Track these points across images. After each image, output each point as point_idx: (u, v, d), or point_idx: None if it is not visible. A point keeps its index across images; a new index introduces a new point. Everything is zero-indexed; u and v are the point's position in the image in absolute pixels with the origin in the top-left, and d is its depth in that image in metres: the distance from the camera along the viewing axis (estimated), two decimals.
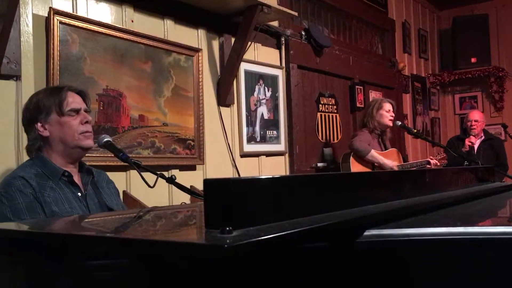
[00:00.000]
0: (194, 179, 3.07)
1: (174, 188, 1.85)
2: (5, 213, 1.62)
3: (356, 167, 3.65)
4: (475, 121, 4.69)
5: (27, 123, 1.83)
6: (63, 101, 1.78)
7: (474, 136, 4.64)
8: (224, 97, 3.39)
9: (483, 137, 4.79)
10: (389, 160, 3.67)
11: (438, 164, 3.94)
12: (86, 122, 1.82)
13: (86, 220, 1.36)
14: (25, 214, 1.61)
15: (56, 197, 1.70)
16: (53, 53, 2.35)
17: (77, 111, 1.81)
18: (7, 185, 1.68)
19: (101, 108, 2.58)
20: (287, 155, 3.99)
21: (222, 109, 3.42)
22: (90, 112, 1.89)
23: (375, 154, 3.62)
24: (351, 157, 3.69)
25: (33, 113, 1.80)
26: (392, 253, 0.79)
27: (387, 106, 3.78)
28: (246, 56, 3.46)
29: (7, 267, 0.99)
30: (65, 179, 1.77)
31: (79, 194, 1.79)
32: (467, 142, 4.57)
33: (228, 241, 0.63)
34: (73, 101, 1.82)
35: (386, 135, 3.89)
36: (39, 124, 1.78)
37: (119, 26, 2.72)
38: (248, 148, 3.58)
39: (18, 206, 1.62)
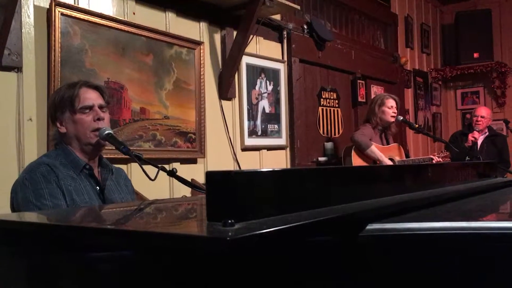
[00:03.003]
0: (195, 172, 3.08)
1: (175, 181, 1.85)
2: (28, 197, 1.65)
3: (357, 160, 3.65)
4: (481, 117, 4.68)
5: (51, 120, 1.90)
6: (75, 99, 1.79)
7: (478, 131, 4.63)
8: (225, 91, 3.38)
9: (487, 133, 4.77)
10: (388, 160, 3.67)
11: (441, 161, 3.93)
12: (98, 119, 1.82)
13: (88, 212, 1.36)
14: (47, 200, 1.65)
15: (76, 187, 1.73)
16: (55, 45, 2.34)
17: (90, 107, 1.81)
18: (32, 170, 1.71)
19: None
20: (288, 149, 3.99)
21: (224, 102, 3.42)
22: (109, 105, 1.91)
23: (375, 150, 3.61)
24: (352, 150, 3.69)
25: (52, 111, 1.85)
26: (394, 247, 0.79)
27: (390, 102, 3.78)
28: (248, 50, 3.45)
29: (10, 258, 0.99)
30: (86, 171, 1.81)
31: (98, 188, 1.82)
32: (470, 137, 4.56)
33: (230, 233, 0.63)
34: (86, 97, 1.81)
35: (390, 130, 3.88)
36: (58, 122, 1.83)
37: (121, 18, 2.71)
38: (249, 142, 3.58)
39: (41, 191, 1.65)
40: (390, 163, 3.65)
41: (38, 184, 1.67)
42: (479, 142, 4.69)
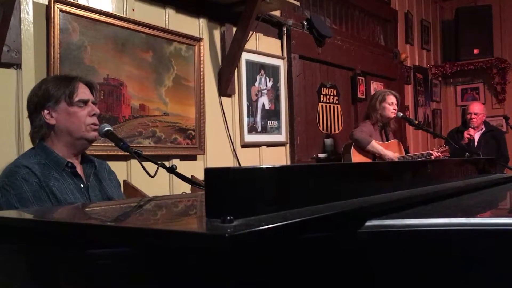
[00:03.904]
0: (195, 169, 3.08)
1: (175, 177, 1.85)
2: (11, 201, 1.60)
3: (357, 157, 3.65)
4: (475, 114, 4.67)
5: (34, 109, 1.77)
6: (74, 91, 1.76)
7: (473, 128, 4.62)
8: (225, 87, 3.37)
9: (483, 129, 4.77)
10: (390, 152, 3.67)
11: (441, 156, 3.92)
12: (94, 114, 1.80)
13: (87, 208, 1.36)
14: (32, 203, 1.59)
15: (60, 187, 1.68)
16: (54, 42, 2.34)
17: (85, 102, 1.79)
18: (11, 174, 1.65)
19: (102, 97, 2.57)
20: (288, 145, 3.99)
21: (223, 99, 3.42)
22: (96, 104, 1.87)
23: (375, 145, 3.62)
24: (352, 147, 3.69)
25: (41, 100, 1.75)
26: (393, 243, 0.79)
27: (391, 98, 3.77)
28: (247, 46, 3.44)
29: (9, 255, 0.99)
30: (69, 170, 1.75)
31: (82, 185, 1.77)
32: (465, 135, 4.55)
33: (229, 230, 0.63)
34: (83, 92, 1.79)
35: (389, 126, 3.87)
36: (45, 112, 1.74)
37: (120, 15, 2.71)
38: (249, 138, 3.58)
39: (25, 194, 1.60)
40: (391, 154, 3.64)
41: (20, 188, 1.60)
42: (476, 139, 4.68)
